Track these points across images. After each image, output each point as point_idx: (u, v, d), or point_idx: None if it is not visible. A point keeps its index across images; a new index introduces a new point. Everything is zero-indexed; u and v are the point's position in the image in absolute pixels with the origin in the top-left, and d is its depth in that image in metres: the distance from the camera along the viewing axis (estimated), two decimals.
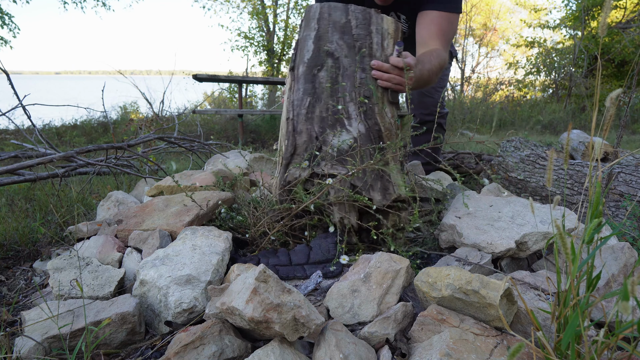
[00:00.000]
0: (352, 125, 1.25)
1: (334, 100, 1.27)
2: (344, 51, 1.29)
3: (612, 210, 1.55)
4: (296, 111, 1.28)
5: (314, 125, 1.25)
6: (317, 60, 1.30)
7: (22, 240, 1.54)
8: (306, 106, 1.27)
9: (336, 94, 1.27)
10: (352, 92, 1.28)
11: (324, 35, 1.31)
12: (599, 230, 0.65)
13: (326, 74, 1.28)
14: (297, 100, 1.29)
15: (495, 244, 1.12)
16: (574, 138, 2.70)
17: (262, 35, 9.63)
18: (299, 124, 1.26)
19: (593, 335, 0.81)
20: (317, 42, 1.31)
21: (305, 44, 1.33)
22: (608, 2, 0.62)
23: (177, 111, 6.96)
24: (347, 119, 1.25)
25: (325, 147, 1.22)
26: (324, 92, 1.27)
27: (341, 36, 1.30)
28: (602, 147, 2.25)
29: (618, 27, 8.01)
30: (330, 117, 1.25)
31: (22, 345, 0.87)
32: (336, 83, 1.28)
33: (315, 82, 1.29)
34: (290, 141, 1.26)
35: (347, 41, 1.30)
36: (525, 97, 9.79)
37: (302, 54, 1.32)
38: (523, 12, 12.35)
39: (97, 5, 10.18)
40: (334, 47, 1.30)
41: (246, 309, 0.78)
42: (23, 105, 2.22)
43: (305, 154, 1.22)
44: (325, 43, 1.30)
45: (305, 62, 1.31)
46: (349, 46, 1.30)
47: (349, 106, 1.26)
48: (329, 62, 1.29)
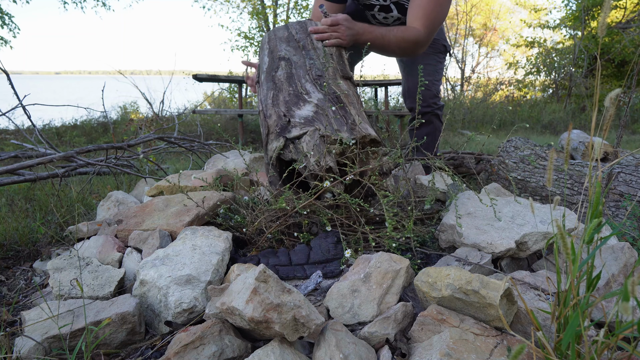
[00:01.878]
0: (311, 97, 1.44)
1: (292, 88, 1.48)
2: (292, 52, 1.60)
3: (612, 210, 1.55)
4: (264, 104, 1.49)
5: (280, 107, 1.42)
6: (272, 65, 1.59)
7: (22, 240, 1.54)
8: (271, 97, 1.48)
9: (293, 82, 1.50)
10: (306, 76, 1.51)
11: (274, 48, 1.64)
12: (599, 230, 0.65)
13: (282, 72, 1.54)
14: (263, 97, 1.52)
15: (495, 244, 1.12)
16: (574, 138, 2.70)
17: (262, 35, 9.63)
18: (267, 110, 1.45)
19: (593, 335, 0.81)
20: (270, 54, 1.63)
21: (262, 60, 1.65)
22: (607, 2, 0.62)
23: (177, 111, 6.96)
24: (306, 95, 1.45)
25: (292, 119, 1.37)
26: (284, 84, 1.50)
27: (287, 44, 1.64)
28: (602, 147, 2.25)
29: (618, 27, 8.01)
30: (292, 99, 1.44)
31: (22, 345, 0.87)
32: (291, 76, 1.51)
33: (275, 80, 1.53)
34: (264, 125, 1.44)
35: (293, 45, 1.63)
36: (525, 97, 9.79)
37: (262, 67, 1.63)
38: (523, 12, 12.35)
39: (97, 5, 10.18)
40: (283, 53, 1.60)
41: (246, 309, 0.78)
42: (23, 105, 2.22)
43: (276, 129, 1.38)
44: (276, 53, 1.61)
45: (265, 70, 1.60)
46: (295, 48, 1.61)
47: (306, 85, 1.48)
48: (282, 64, 1.57)
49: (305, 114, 1.39)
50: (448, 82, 9.89)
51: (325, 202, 1.27)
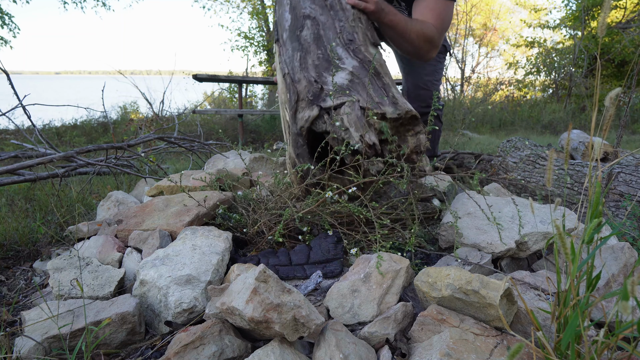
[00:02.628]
0: (345, 63, 1.33)
1: (321, 51, 1.36)
2: (318, 11, 1.47)
3: (612, 210, 1.55)
4: (290, 66, 1.37)
5: (309, 72, 1.31)
6: (296, 24, 1.45)
7: (22, 240, 1.54)
8: (298, 59, 1.36)
9: (322, 45, 1.38)
10: (337, 39, 1.40)
11: (296, 5, 1.49)
12: (599, 230, 0.65)
13: (308, 32, 1.42)
14: (288, 58, 1.39)
15: (495, 244, 1.12)
16: (574, 138, 2.71)
17: (262, 35, 9.63)
18: (295, 74, 1.33)
19: (593, 335, 0.81)
20: (292, 11, 1.49)
21: (282, 17, 1.50)
22: (607, 2, 0.62)
23: (177, 111, 6.96)
24: (338, 60, 1.34)
25: (325, 86, 1.26)
26: (311, 46, 1.38)
27: (312, 1, 1.49)
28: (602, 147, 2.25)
29: (618, 27, 8.02)
30: (323, 63, 1.33)
31: (22, 345, 0.87)
32: (319, 37, 1.40)
33: (300, 40, 1.41)
34: (292, 90, 1.30)
35: (319, 3, 1.49)
36: (525, 97, 9.79)
37: (282, 25, 1.49)
38: (523, 12, 12.35)
39: (97, 5, 10.18)
40: (308, 11, 1.47)
41: (246, 309, 0.78)
42: (23, 105, 2.22)
43: (308, 95, 1.26)
44: (300, 10, 1.47)
45: (287, 29, 1.46)
46: (321, 7, 1.49)
47: (337, 50, 1.37)
48: (308, 23, 1.44)
49: (340, 82, 1.28)
50: (448, 82, 9.89)
51: (327, 208, 1.22)
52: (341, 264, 1.14)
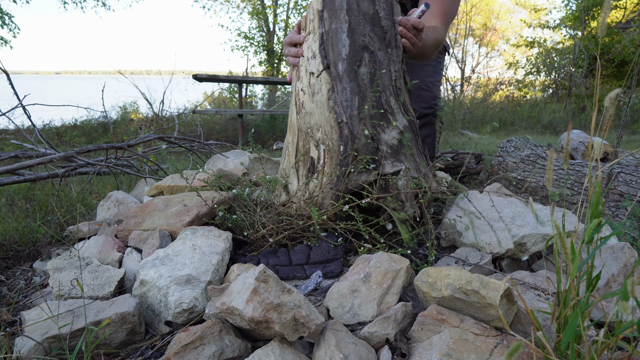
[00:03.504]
0: (397, 119, 1.23)
1: (375, 97, 1.22)
2: (377, 44, 1.25)
3: (612, 210, 1.55)
4: (347, 113, 1.20)
5: (367, 124, 1.20)
6: (355, 56, 1.23)
7: (22, 240, 1.54)
8: (356, 106, 1.20)
9: (377, 89, 1.23)
10: (390, 87, 1.25)
11: (356, 27, 1.24)
12: (599, 230, 0.65)
13: (366, 70, 1.23)
14: (346, 101, 1.21)
15: (494, 244, 1.12)
16: (574, 138, 2.71)
17: (262, 35, 9.64)
18: (354, 126, 1.19)
19: (593, 335, 0.81)
20: (351, 35, 1.23)
21: (337, 37, 1.24)
22: (607, 2, 0.62)
23: (177, 111, 6.96)
24: (391, 114, 1.22)
25: (380, 146, 1.18)
26: (367, 90, 1.22)
27: (372, 28, 1.25)
28: (602, 147, 2.25)
29: (618, 27, 8.02)
30: (377, 115, 1.21)
31: (22, 345, 0.87)
32: (373, 78, 1.23)
33: (358, 80, 1.22)
34: (350, 146, 1.19)
35: (378, 34, 1.26)
36: (525, 97, 9.79)
37: (337, 49, 1.24)
38: (523, 12, 12.35)
39: (97, 5, 10.19)
40: (367, 40, 1.24)
41: (246, 309, 0.78)
42: (23, 105, 2.22)
43: (366, 154, 1.17)
44: (359, 36, 1.24)
45: (344, 59, 1.23)
46: (380, 39, 1.26)
47: (390, 100, 1.24)
48: (366, 57, 1.23)
49: (390, 142, 1.19)
50: (448, 82, 9.89)
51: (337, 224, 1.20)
52: (341, 264, 1.14)
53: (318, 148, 1.23)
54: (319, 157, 1.23)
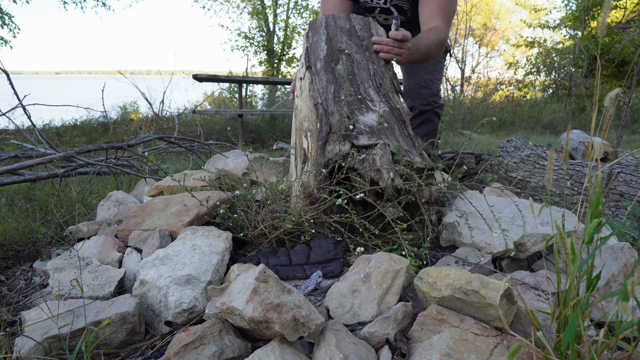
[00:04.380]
0: (376, 106, 1.38)
1: (354, 88, 1.40)
2: (354, 49, 1.48)
3: (612, 210, 1.55)
4: (323, 97, 1.38)
5: (342, 107, 1.35)
6: (332, 56, 1.46)
7: (22, 240, 1.54)
8: (332, 92, 1.38)
9: (355, 83, 1.41)
10: (369, 80, 1.43)
11: (333, 37, 1.51)
12: (599, 230, 0.65)
13: (343, 67, 1.44)
14: (322, 88, 1.40)
15: (494, 244, 1.12)
16: (574, 138, 2.71)
17: (262, 35, 9.63)
18: (329, 106, 1.35)
19: (593, 335, 0.81)
20: (329, 42, 1.50)
21: (317, 46, 1.51)
22: (607, 2, 0.62)
23: (177, 111, 6.96)
24: (370, 102, 1.39)
25: (357, 125, 1.31)
26: (345, 82, 1.41)
27: (349, 38, 1.51)
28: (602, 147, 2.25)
29: (618, 27, 8.02)
30: (355, 101, 1.37)
31: (22, 345, 0.87)
32: (352, 74, 1.42)
33: (335, 73, 1.43)
34: (325, 121, 1.32)
35: (355, 42, 1.50)
36: (525, 97, 9.79)
37: (317, 54, 1.49)
38: (523, 12, 12.35)
39: (97, 5, 10.18)
40: (345, 46, 1.48)
41: (246, 309, 0.78)
42: (23, 105, 2.22)
43: (341, 131, 1.30)
44: (336, 43, 1.49)
45: (322, 59, 1.47)
46: (357, 45, 1.49)
47: (369, 91, 1.41)
48: (344, 58, 1.46)
49: (370, 123, 1.32)
50: (448, 82, 9.89)
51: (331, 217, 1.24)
52: (341, 264, 1.14)
53: (306, 137, 1.39)
54: (308, 145, 1.37)
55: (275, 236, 1.24)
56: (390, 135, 1.30)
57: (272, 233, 1.25)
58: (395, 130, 1.34)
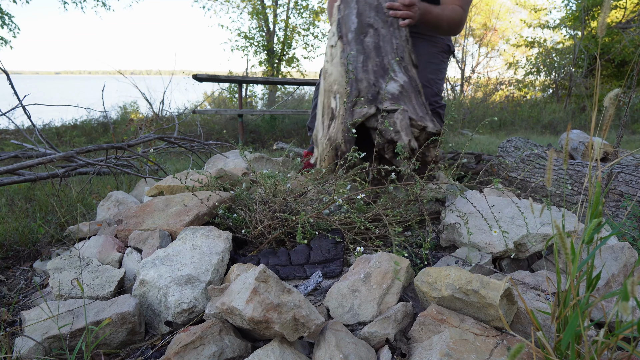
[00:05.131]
0: (397, 76, 1.56)
1: (379, 59, 1.60)
2: (380, 24, 1.68)
3: (612, 210, 1.55)
4: (353, 65, 1.59)
5: (369, 75, 1.55)
6: (361, 29, 1.68)
7: (22, 240, 1.54)
8: (361, 61, 1.59)
9: (380, 54, 1.61)
10: (392, 53, 1.62)
11: (362, 12, 1.71)
12: (599, 230, 0.65)
13: (370, 40, 1.64)
14: (352, 58, 1.61)
15: (494, 244, 1.12)
16: (574, 138, 2.70)
17: (262, 35, 9.63)
18: (358, 73, 1.57)
19: (593, 335, 0.81)
20: (358, 16, 1.71)
21: (349, 19, 1.72)
22: (607, 2, 0.62)
23: (177, 111, 6.96)
24: (392, 72, 1.57)
25: (381, 91, 1.50)
26: (372, 53, 1.61)
27: (376, 13, 1.70)
28: (602, 147, 2.25)
29: (618, 27, 8.01)
30: (379, 71, 1.56)
31: (22, 345, 0.87)
32: (378, 47, 1.62)
33: (363, 45, 1.64)
34: (354, 87, 1.54)
35: (381, 17, 1.70)
36: (525, 97, 9.79)
37: (348, 26, 1.71)
38: (523, 12, 12.34)
39: (97, 5, 10.17)
40: (372, 20, 1.68)
41: (246, 309, 0.78)
42: (23, 105, 2.21)
43: (368, 96, 1.50)
44: (365, 17, 1.69)
45: (353, 31, 1.68)
46: (383, 21, 1.70)
47: (392, 63, 1.60)
48: (371, 31, 1.66)
49: (392, 91, 1.50)
50: (448, 82, 9.89)
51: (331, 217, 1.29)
52: (341, 264, 1.14)
53: (335, 98, 1.60)
54: (336, 105, 1.58)
55: (274, 237, 1.24)
56: (408, 103, 1.49)
57: (272, 233, 1.25)
58: (412, 99, 1.52)
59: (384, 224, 1.28)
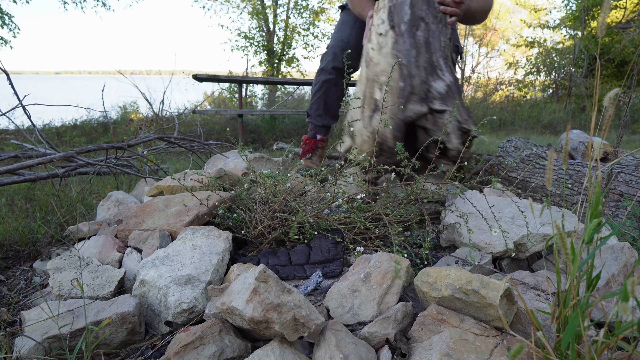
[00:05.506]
0: (444, 75, 1.57)
1: (428, 56, 1.58)
2: (431, 18, 1.66)
3: (612, 210, 1.55)
4: (406, 59, 1.57)
5: (421, 71, 1.54)
6: (414, 22, 1.64)
7: (22, 240, 1.54)
8: (414, 56, 1.57)
9: (429, 50, 1.59)
10: (439, 51, 1.61)
11: (415, 4, 1.67)
12: (598, 230, 0.65)
13: (422, 34, 1.62)
14: (406, 51, 1.58)
15: (494, 244, 1.12)
16: (574, 138, 2.70)
17: (262, 35, 9.63)
18: (411, 69, 1.55)
19: (593, 335, 0.81)
20: (412, 8, 1.66)
21: (402, 9, 1.67)
22: (607, 2, 0.62)
23: (177, 111, 6.96)
24: (440, 70, 1.57)
25: (431, 90, 1.50)
26: (422, 48, 1.59)
27: (428, 7, 1.67)
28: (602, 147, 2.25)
29: (618, 27, 8.01)
30: (428, 68, 1.56)
31: (22, 345, 0.87)
32: (428, 42, 1.61)
33: (415, 38, 1.61)
34: (408, 83, 1.53)
35: (432, 12, 1.68)
36: (525, 97, 9.79)
37: (401, 16, 1.66)
38: (523, 12, 12.34)
39: (97, 5, 10.18)
40: (424, 14, 1.65)
41: (246, 309, 0.78)
42: (23, 105, 2.21)
43: (421, 93, 1.50)
44: (417, 10, 1.66)
45: (406, 22, 1.64)
46: (433, 16, 1.67)
47: (440, 60, 1.60)
48: (422, 25, 1.64)
49: (440, 90, 1.51)
50: None
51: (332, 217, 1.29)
52: (341, 264, 1.14)
53: (381, 90, 1.58)
54: (381, 97, 1.54)
55: (274, 237, 1.24)
56: (452, 103, 1.49)
57: (272, 233, 1.25)
58: (457, 100, 1.52)
59: (384, 223, 1.28)
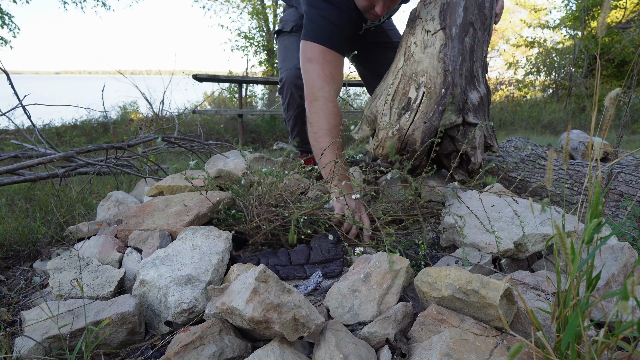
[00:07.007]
0: (480, 86, 1.54)
1: (470, 64, 1.54)
2: (479, 25, 1.60)
3: (612, 210, 1.55)
4: (452, 66, 1.49)
5: (462, 80, 1.49)
6: (465, 27, 1.57)
7: (22, 240, 1.54)
8: (459, 64, 1.50)
9: (472, 58, 1.55)
10: (479, 60, 1.57)
11: (469, 6, 1.60)
12: (598, 230, 0.65)
13: (469, 41, 1.56)
14: (454, 57, 1.51)
15: (494, 244, 1.12)
16: (574, 138, 2.70)
17: (262, 35, 9.64)
18: (455, 77, 1.48)
19: (593, 335, 0.81)
20: (465, 10, 1.59)
21: (455, 10, 1.59)
22: (607, 2, 0.62)
23: (177, 111, 6.96)
24: (477, 81, 1.54)
25: (468, 101, 1.46)
26: (467, 56, 1.53)
27: (479, 12, 1.61)
28: (602, 147, 2.25)
29: (618, 27, 8.01)
30: (468, 77, 1.51)
31: (22, 345, 0.87)
32: (473, 50, 1.56)
33: (463, 44, 1.54)
34: (450, 91, 1.45)
35: (481, 18, 1.62)
36: (525, 97, 9.79)
37: (454, 18, 1.58)
38: (523, 12, 12.34)
39: (97, 5, 10.19)
40: (474, 19, 1.59)
41: (246, 309, 0.78)
42: (23, 105, 2.21)
43: (459, 103, 1.45)
44: (469, 14, 1.58)
45: (458, 26, 1.57)
46: (482, 22, 1.62)
47: (479, 71, 1.56)
48: (471, 31, 1.57)
49: (474, 101, 1.47)
50: None
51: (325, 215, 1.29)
52: (341, 264, 1.14)
53: (418, 90, 1.49)
54: (417, 97, 1.48)
55: (269, 229, 1.24)
56: (481, 117, 1.49)
57: (267, 226, 1.25)
58: (485, 113, 1.52)
59: (376, 226, 1.28)
